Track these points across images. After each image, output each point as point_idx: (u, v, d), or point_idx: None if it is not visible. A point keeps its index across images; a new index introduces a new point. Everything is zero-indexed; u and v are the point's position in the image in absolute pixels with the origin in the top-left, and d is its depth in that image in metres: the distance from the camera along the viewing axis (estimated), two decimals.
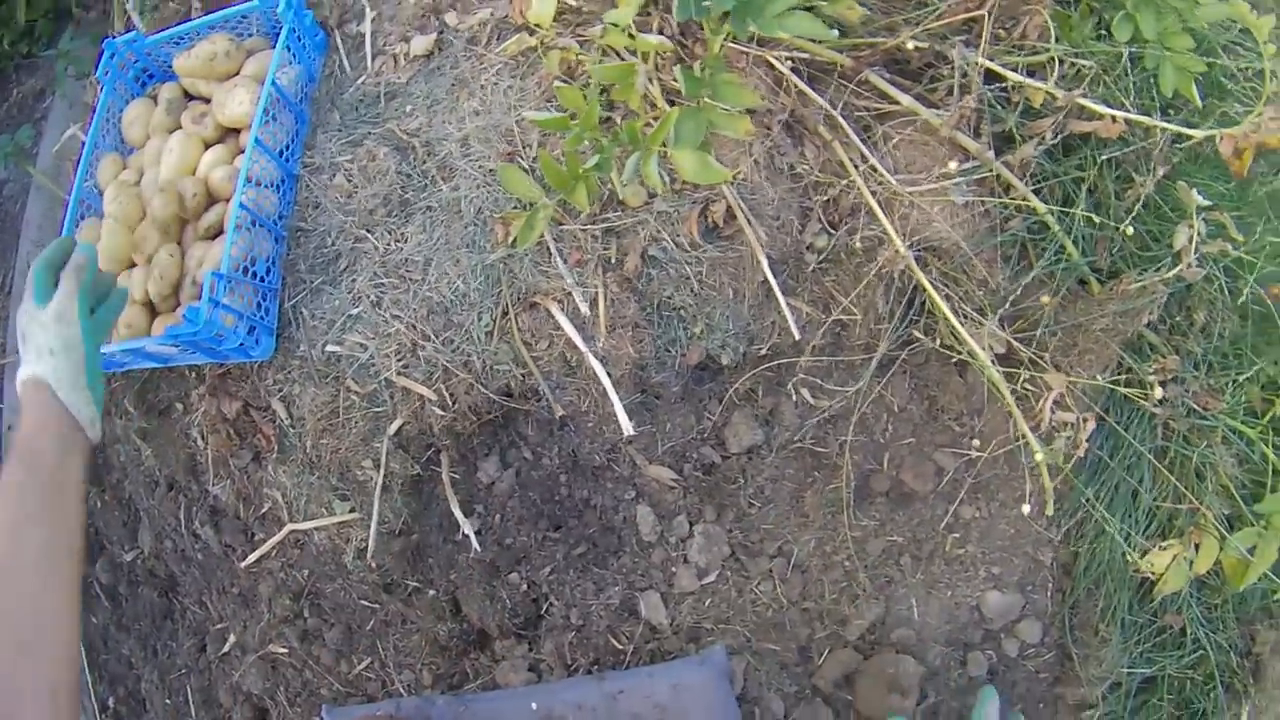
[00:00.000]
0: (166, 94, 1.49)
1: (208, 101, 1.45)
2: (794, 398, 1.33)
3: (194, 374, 1.37)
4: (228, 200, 1.33)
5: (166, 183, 1.33)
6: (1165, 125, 1.26)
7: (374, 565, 1.32)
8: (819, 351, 1.31)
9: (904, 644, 1.37)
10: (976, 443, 1.31)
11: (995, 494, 1.42)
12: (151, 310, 1.32)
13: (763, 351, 1.29)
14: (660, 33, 1.25)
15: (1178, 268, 1.27)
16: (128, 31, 1.67)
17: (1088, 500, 1.33)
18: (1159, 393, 1.23)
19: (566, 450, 1.29)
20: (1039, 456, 1.15)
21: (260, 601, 1.43)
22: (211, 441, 1.33)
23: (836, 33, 1.08)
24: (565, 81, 1.24)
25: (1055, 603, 1.43)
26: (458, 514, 1.23)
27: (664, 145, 1.06)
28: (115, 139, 1.49)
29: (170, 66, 1.51)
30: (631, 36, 1.16)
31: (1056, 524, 1.39)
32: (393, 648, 1.36)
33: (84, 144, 1.44)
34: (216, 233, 1.33)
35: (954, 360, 1.38)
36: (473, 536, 1.24)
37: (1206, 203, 1.27)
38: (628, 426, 1.17)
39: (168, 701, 1.55)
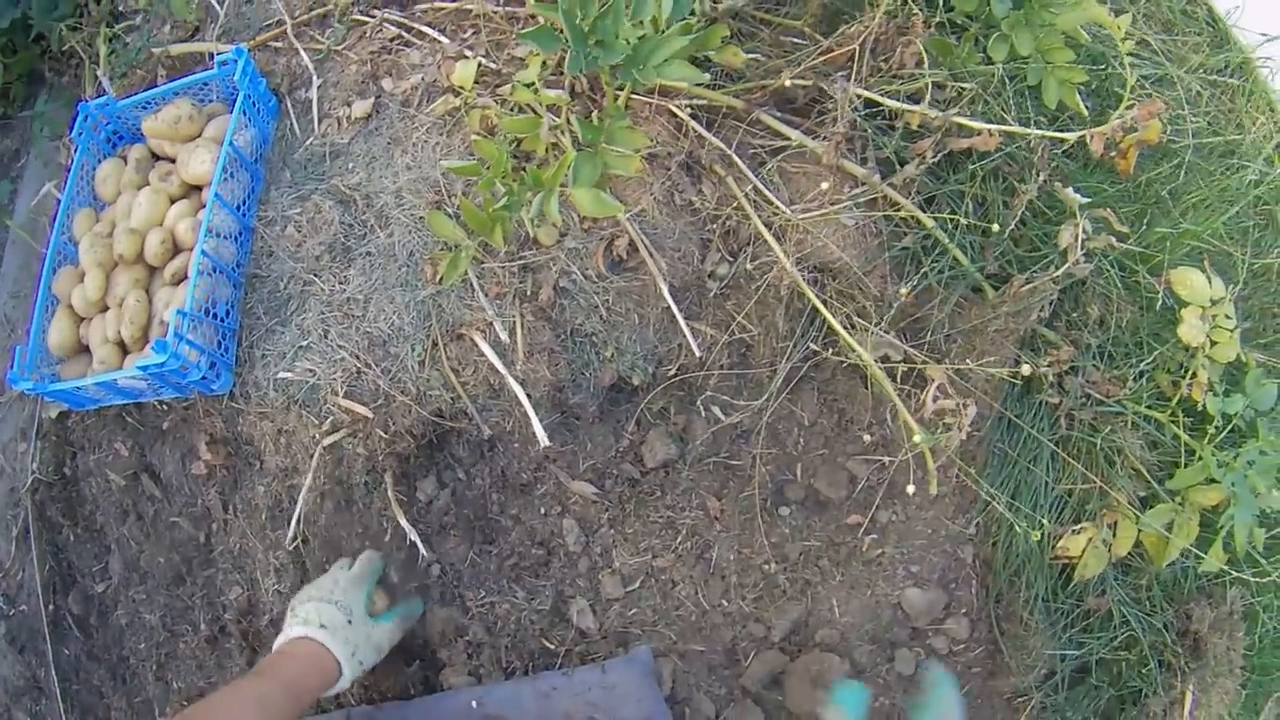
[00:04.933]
0: (135, 154, 1.77)
1: (173, 161, 1.73)
2: (704, 414, 1.56)
3: (161, 408, 1.63)
4: (192, 249, 1.60)
5: (134, 231, 1.61)
6: (1039, 133, 1.49)
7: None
8: (725, 370, 1.54)
9: (828, 643, 1.57)
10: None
11: (911, 498, 1.62)
12: (123, 349, 1.59)
13: (671, 372, 1.53)
14: (573, 89, 1.52)
15: (1065, 266, 1.48)
16: (99, 96, 1.98)
17: (989, 492, 1.53)
18: (1047, 375, 1.43)
19: (496, 470, 1.52)
20: (917, 438, 1.36)
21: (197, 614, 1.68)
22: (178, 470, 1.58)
23: (708, 76, 1.34)
24: (483, 136, 1.51)
25: (980, 598, 1.62)
26: (404, 524, 1.46)
27: (564, 185, 1.31)
28: (89, 195, 1.77)
29: (138, 129, 1.81)
30: (535, 93, 1.43)
31: (969, 520, 1.59)
32: None
33: (59, 200, 1.72)
34: (182, 278, 1.59)
35: (860, 375, 1.61)
36: (420, 544, 1.47)
37: (1085, 200, 1.49)
38: (543, 438, 1.40)
39: None
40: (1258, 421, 1.55)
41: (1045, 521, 1.53)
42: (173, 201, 1.68)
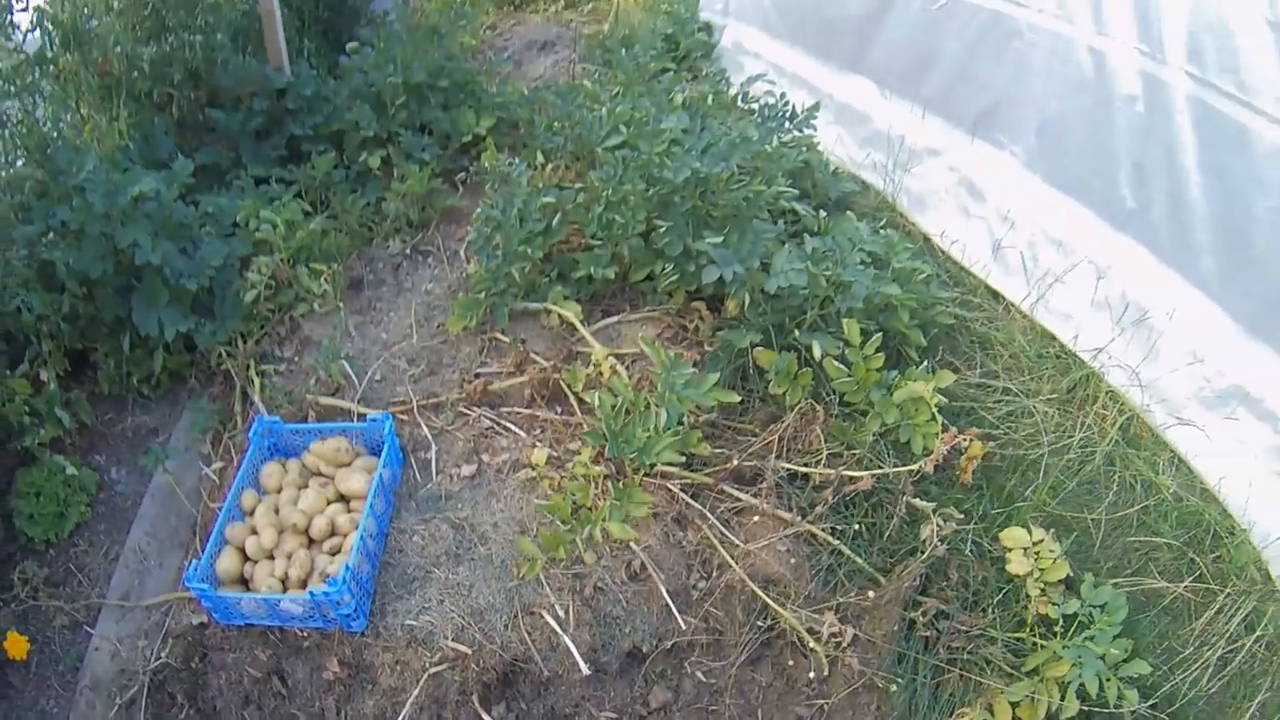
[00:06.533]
0: (294, 465, 2.72)
1: (322, 475, 2.69)
2: (690, 674, 2.40)
3: (301, 633, 2.43)
4: (344, 535, 2.50)
5: (303, 512, 2.52)
6: (895, 470, 2.49)
7: None
8: (704, 645, 2.41)
9: None
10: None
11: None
12: (284, 587, 2.42)
13: (668, 645, 2.40)
14: (607, 466, 2.55)
15: (927, 552, 2.41)
16: (256, 413, 2.90)
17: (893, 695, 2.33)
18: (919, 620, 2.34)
19: (548, 704, 2.33)
20: (815, 647, 2.21)
21: None
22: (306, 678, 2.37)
23: (684, 458, 2.38)
24: (554, 494, 2.50)
25: None
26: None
27: (603, 522, 2.28)
28: (252, 481, 2.68)
29: (293, 445, 2.78)
30: (587, 469, 2.45)
31: None
32: None
33: (234, 479, 2.61)
34: (337, 551, 2.47)
35: (800, 648, 2.47)
36: None
37: (932, 505, 2.44)
38: (584, 668, 2.25)
39: None
40: (1095, 614, 2.33)
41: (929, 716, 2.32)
42: (329, 502, 2.62)
